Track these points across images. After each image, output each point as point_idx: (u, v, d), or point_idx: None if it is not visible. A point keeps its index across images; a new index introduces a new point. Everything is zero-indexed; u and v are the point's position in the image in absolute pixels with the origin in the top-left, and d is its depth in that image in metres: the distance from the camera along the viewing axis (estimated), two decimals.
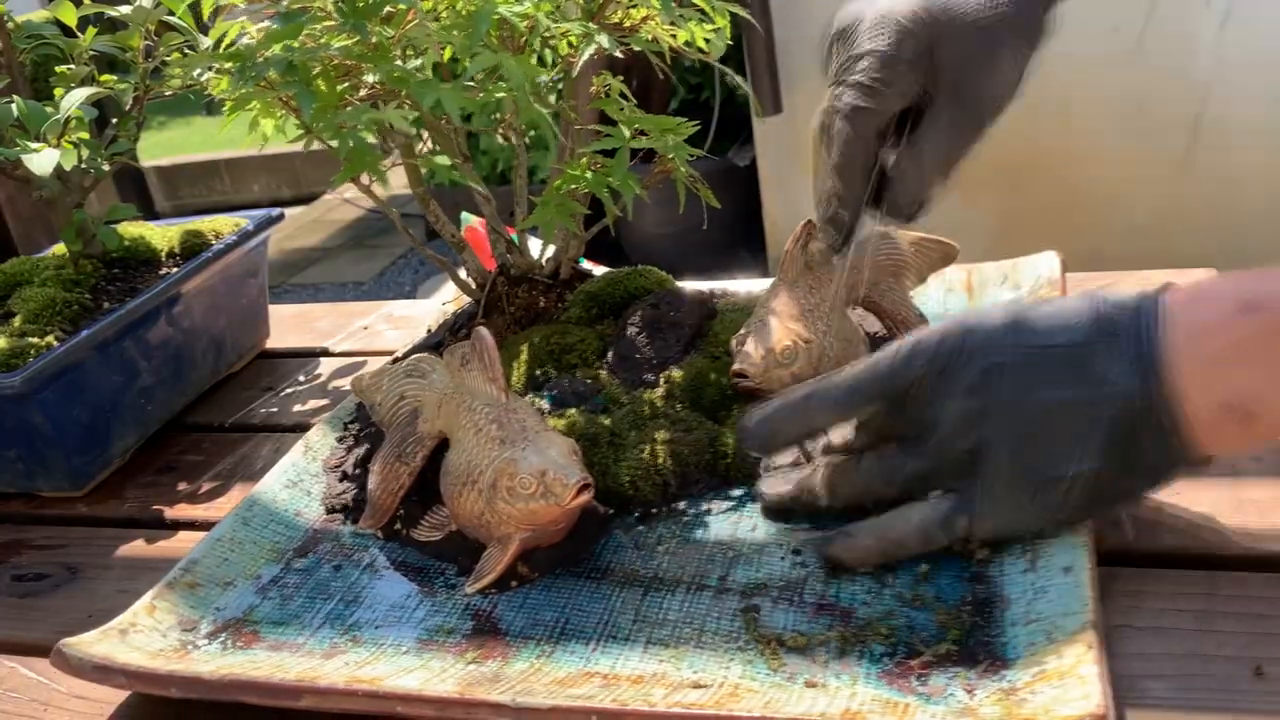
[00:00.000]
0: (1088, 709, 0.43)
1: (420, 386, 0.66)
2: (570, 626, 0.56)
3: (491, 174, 3.28)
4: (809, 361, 0.66)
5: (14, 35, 0.80)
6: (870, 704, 0.47)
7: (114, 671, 0.53)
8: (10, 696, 0.58)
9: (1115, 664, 0.48)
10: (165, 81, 0.79)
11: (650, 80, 2.51)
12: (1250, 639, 0.49)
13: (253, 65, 0.61)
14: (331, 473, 0.72)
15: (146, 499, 0.77)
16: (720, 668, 0.51)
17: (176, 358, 0.86)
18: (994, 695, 0.47)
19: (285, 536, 0.66)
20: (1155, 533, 0.56)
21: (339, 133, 0.64)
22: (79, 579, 0.69)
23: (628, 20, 0.71)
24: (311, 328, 1.04)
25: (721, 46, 0.72)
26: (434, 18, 0.65)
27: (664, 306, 0.75)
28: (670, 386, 0.69)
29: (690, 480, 0.65)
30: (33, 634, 0.64)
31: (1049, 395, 0.50)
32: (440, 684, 0.51)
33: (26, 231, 2.67)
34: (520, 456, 0.58)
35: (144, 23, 0.79)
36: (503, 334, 0.78)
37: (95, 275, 0.83)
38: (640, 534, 0.62)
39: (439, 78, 0.66)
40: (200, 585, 0.61)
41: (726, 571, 0.58)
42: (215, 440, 0.85)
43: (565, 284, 0.80)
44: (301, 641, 0.57)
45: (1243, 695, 0.46)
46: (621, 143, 0.70)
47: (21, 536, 0.75)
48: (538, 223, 0.71)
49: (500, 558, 0.59)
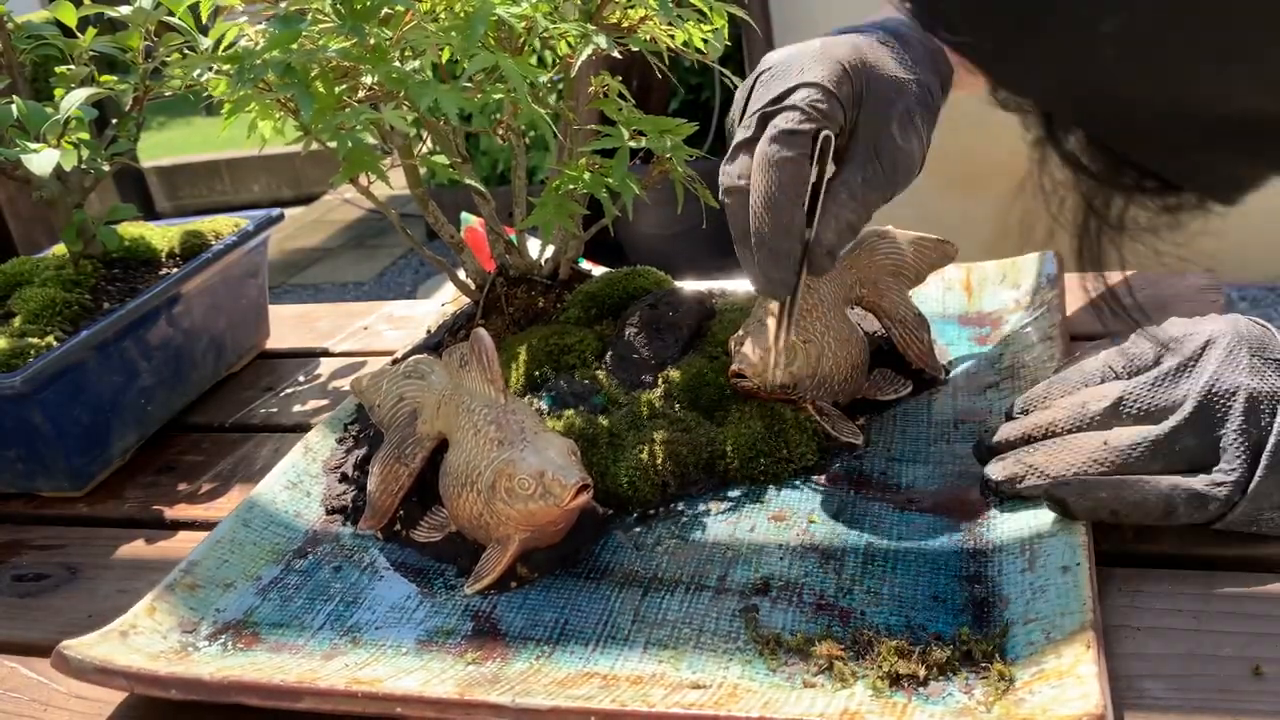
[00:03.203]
0: (1086, 709, 0.43)
1: (419, 388, 0.66)
2: (569, 627, 0.56)
3: (491, 174, 3.28)
4: (807, 362, 0.66)
5: (14, 35, 0.80)
6: (869, 704, 0.47)
7: (114, 673, 0.53)
8: (10, 696, 0.58)
9: (1114, 664, 0.48)
10: (165, 82, 0.79)
11: (650, 81, 2.51)
12: (1248, 639, 0.49)
13: (251, 67, 0.61)
14: (331, 474, 0.72)
15: (146, 499, 0.77)
16: (719, 668, 0.51)
17: (176, 358, 0.86)
18: (992, 695, 0.47)
19: (285, 538, 0.66)
20: (1154, 533, 0.56)
21: (337, 134, 0.64)
22: (79, 579, 0.69)
23: (626, 21, 0.71)
24: (311, 328, 1.04)
25: (719, 47, 0.72)
26: (432, 19, 0.65)
27: (662, 307, 0.75)
28: (669, 387, 0.69)
29: (689, 481, 0.65)
30: (33, 634, 0.64)
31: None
32: (440, 685, 0.52)
33: (26, 231, 2.67)
34: (519, 457, 0.58)
35: (144, 23, 0.79)
36: (501, 335, 0.78)
37: (95, 275, 0.83)
38: (639, 534, 0.62)
39: (437, 79, 0.66)
40: (200, 587, 0.61)
41: (725, 571, 0.58)
42: (215, 440, 0.85)
43: (564, 284, 0.80)
44: (301, 643, 0.57)
45: (1241, 695, 0.46)
46: (620, 143, 0.70)
47: (21, 536, 0.75)
48: (536, 223, 0.72)
49: (499, 559, 0.59)
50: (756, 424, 0.66)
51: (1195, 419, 0.54)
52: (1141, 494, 0.54)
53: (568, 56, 0.73)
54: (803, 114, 0.59)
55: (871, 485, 0.63)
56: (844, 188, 0.60)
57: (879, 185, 0.61)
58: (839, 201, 0.60)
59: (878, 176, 0.61)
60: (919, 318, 0.72)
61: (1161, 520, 0.54)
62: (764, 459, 0.65)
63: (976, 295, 0.83)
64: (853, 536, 0.59)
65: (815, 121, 0.59)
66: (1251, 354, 0.55)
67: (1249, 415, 0.53)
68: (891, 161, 0.61)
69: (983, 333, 0.78)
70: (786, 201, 0.59)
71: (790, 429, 0.66)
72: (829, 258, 0.61)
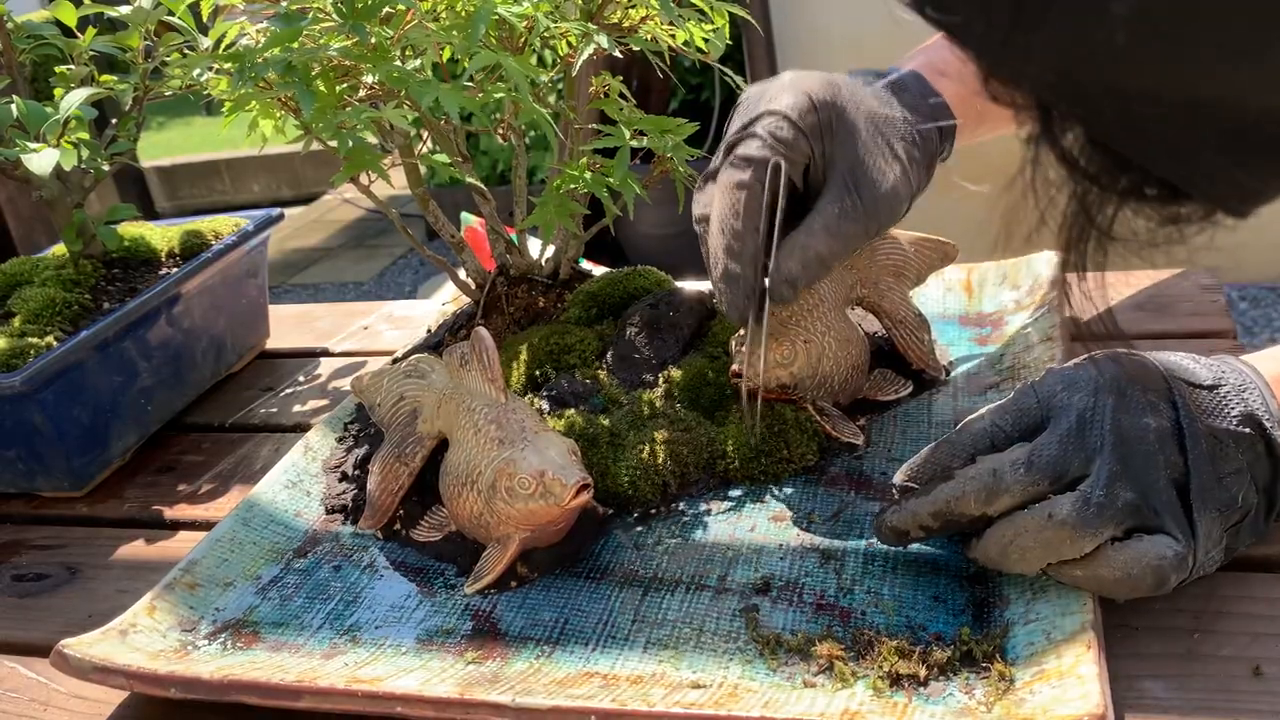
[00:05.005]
0: (1086, 709, 0.43)
1: (420, 387, 0.66)
2: (569, 627, 0.56)
3: (491, 174, 3.28)
4: (807, 362, 0.66)
5: (14, 35, 0.80)
6: (869, 704, 0.47)
7: (114, 672, 0.53)
8: (10, 696, 0.58)
9: (1114, 664, 0.48)
10: (165, 82, 0.79)
11: (650, 80, 2.52)
12: (1248, 639, 0.49)
13: (252, 66, 0.61)
14: (331, 473, 0.72)
15: (146, 499, 0.77)
16: (719, 668, 0.51)
17: (176, 358, 0.86)
18: (993, 695, 0.47)
19: (285, 537, 0.66)
20: None
21: (338, 133, 0.64)
22: (79, 579, 0.69)
23: (627, 20, 0.71)
24: (312, 328, 1.04)
25: (721, 46, 0.72)
26: (433, 18, 0.65)
27: (663, 307, 0.75)
28: (669, 387, 0.69)
29: (689, 480, 0.65)
30: (33, 634, 0.64)
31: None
32: (440, 684, 0.51)
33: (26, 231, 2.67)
34: (519, 457, 0.58)
35: (144, 23, 0.79)
36: (502, 334, 0.78)
37: (95, 275, 0.83)
38: (639, 534, 0.62)
39: (438, 78, 0.66)
40: (200, 586, 0.61)
41: (726, 571, 0.58)
42: (215, 440, 0.85)
43: (565, 284, 0.80)
44: (301, 642, 0.57)
45: (1241, 695, 0.46)
46: (621, 143, 0.70)
47: (21, 536, 0.75)
48: (537, 223, 0.72)
49: (499, 558, 0.59)
50: (761, 428, 0.66)
51: (1123, 470, 0.49)
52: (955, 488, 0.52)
53: (568, 56, 0.73)
54: (761, 141, 0.59)
55: (872, 485, 0.63)
56: (818, 218, 0.60)
57: (856, 218, 0.60)
58: (810, 232, 0.60)
59: (855, 209, 0.60)
60: (920, 318, 0.72)
61: (1154, 591, 0.49)
62: (764, 459, 0.65)
63: (977, 296, 0.83)
64: (853, 536, 0.59)
65: (773, 149, 0.59)
66: (1143, 391, 0.51)
67: (1166, 453, 0.49)
68: (871, 196, 0.60)
69: (983, 333, 0.78)
70: (740, 226, 0.59)
71: (790, 429, 0.66)
72: (789, 287, 0.60)
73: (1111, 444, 0.49)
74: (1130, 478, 0.48)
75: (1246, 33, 0.28)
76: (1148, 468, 0.49)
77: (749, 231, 0.59)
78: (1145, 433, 0.50)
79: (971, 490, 0.51)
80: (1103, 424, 0.50)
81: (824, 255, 0.60)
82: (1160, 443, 0.50)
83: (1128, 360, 0.53)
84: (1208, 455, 0.49)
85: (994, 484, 0.51)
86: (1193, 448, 0.49)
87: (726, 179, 0.60)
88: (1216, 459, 0.49)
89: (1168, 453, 0.49)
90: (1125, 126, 0.32)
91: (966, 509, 0.52)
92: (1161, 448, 0.49)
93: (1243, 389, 0.51)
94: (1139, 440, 0.49)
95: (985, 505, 0.51)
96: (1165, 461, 0.49)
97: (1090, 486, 0.48)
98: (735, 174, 0.60)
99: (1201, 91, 0.30)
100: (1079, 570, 0.49)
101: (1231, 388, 0.52)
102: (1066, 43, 0.29)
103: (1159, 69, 0.29)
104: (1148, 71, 0.29)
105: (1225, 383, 0.52)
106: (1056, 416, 0.52)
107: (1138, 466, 0.49)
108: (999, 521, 0.51)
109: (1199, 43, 0.28)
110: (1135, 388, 0.51)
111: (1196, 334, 0.76)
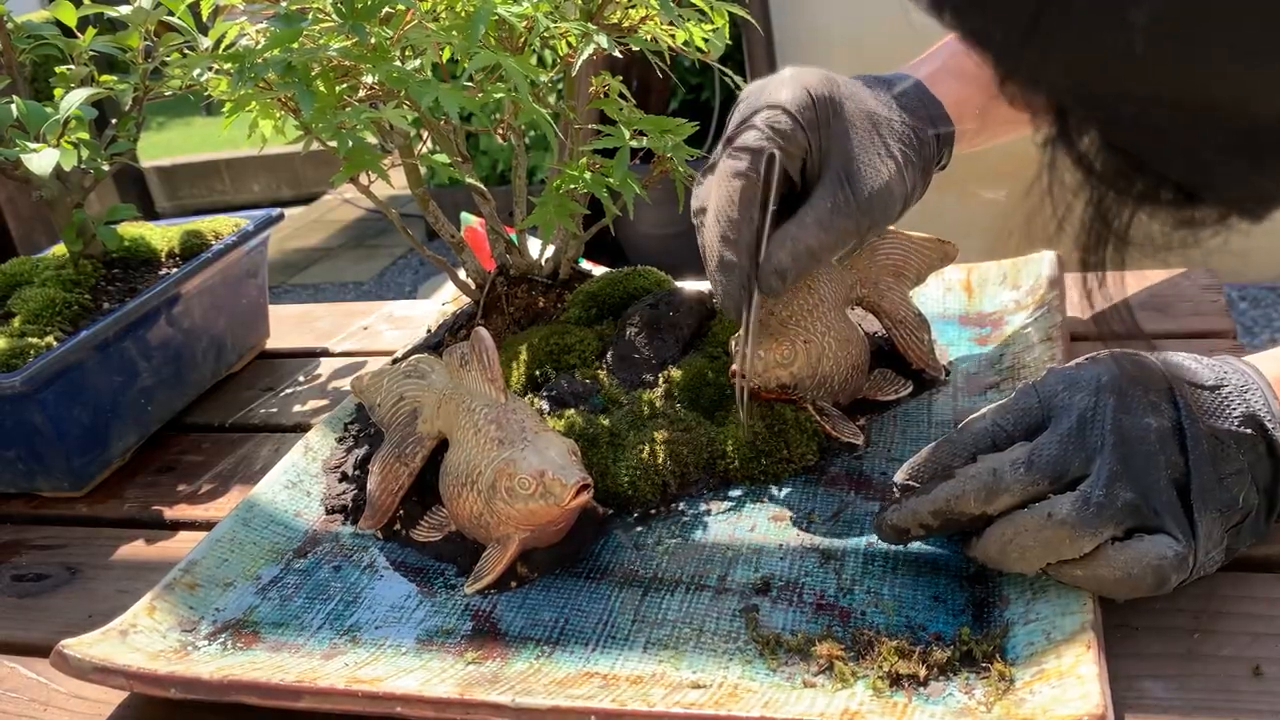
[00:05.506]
0: (1086, 709, 0.43)
1: (420, 387, 0.66)
2: (569, 627, 0.56)
3: (491, 174, 3.28)
4: (807, 362, 0.66)
5: (14, 35, 0.80)
6: (869, 704, 0.47)
7: (114, 673, 0.53)
8: (10, 696, 0.58)
9: (1114, 664, 0.48)
10: (165, 82, 0.79)
11: (650, 80, 2.52)
12: (1248, 639, 0.49)
13: (252, 66, 0.61)
14: (331, 473, 0.72)
15: (146, 499, 0.77)
16: (719, 668, 0.51)
17: (176, 358, 0.86)
18: (993, 695, 0.47)
19: (285, 537, 0.66)
20: None
21: (338, 133, 0.64)
22: (79, 579, 0.69)
23: (626, 20, 0.71)
24: (312, 328, 1.04)
25: (720, 46, 0.72)
26: (433, 18, 0.65)
27: (663, 307, 0.75)
28: (669, 387, 0.69)
29: (689, 480, 0.65)
30: (33, 634, 0.64)
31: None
32: (439, 685, 0.51)
33: (26, 231, 2.67)
34: (519, 457, 0.58)
35: (144, 23, 0.79)
36: (502, 334, 0.78)
37: (95, 275, 0.83)
38: (639, 534, 0.62)
39: (438, 78, 0.66)
40: (200, 586, 0.61)
41: (726, 571, 0.58)
42: (215, 440, 0.85)
43: (564, 284, 0.80)
44: (301, 642, 0.57)
45: (1241, 695, 0.46)
46: (621, 143, 0.70)
47: (21, 536, 0.75)
48: (537, 223, 0.72)
49: (499, 558, 0.59)
50: (757, 424, 0.66)
51: (1123, 470, 0.49)
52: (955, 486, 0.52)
53: (568, 56, 0.73)
54: (759, 133, 0.60)
55: (872, 485, 0.63)
56: (810, 211, 0.60)
57: (848, 213, 0.60)
58: (801, 225, 0.60)
59: (848, 204, 0.60)
60: (919, 318, 0.72)
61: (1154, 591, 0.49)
62: (764, 459, 0.65)
63: (977, 296, 0.83)
64: (853, 536, 0.59)
65: (770, 141, 0.59)
66: (1144, 391, 0.51)
67: (1167, 454, 0.49)
68: (864, 192, 0.60)
69: (983, 333, 0.78)
70: (736, 215, 0.59)
71: (790, 429, 0.66)
72: (778, 278, 0.60)
73: (1112, 444, 0.49)
74: (1131, 478, 0.48)
75: (1258, 33, 0.28)
76: (1148, 468, 0.49)
77: (745, 220, 0.59)
78: (1146, 433, 0.50)
79: (972, 489, 0.51)
80: (1103, 424, 0.50)
81: (814, 248, 0.60)
82: (1161, 443, 0.50)
83: (1129, 360, 0.53)
84: (1209, 456, 0.49)
85: (994, 483, 0.51)
86: (1194, 448, 0.49)
87: (724, 169, 0.60)
88: (1218, 459, 0.50)
89: (1169, 453, 0.49)
90: (1141, 130, 0.32)
91: (967, 508, 0.52)
92: (1162, 448, 0.49)
93: (1245, 390, 0.52)
94: (1140, 440, 0.49)
95: (985, 504, 0.51)
96: (1166, 462, 0.49)
97: (1090, 486, 0.48)
98: (733, 164, 0.60)
99: (1215, 93, 0.30)
100: (1079, 570, 0.49)
101: (1234, 388, 0.52)
102: (1083, 48, 0.29)
103: (1173, 71, 0.29)
104: (1162, 74, 0.29)
105: (1227, 383, 0.52)
106: (1057, 416, 0.52)
107: (1138, 466, 0.49)
108: (999, 520, 0.51)
109: (1210, 43, 0.28)
110: (1136, 388, 0.51)
111: (1197, 334, 0.76)
